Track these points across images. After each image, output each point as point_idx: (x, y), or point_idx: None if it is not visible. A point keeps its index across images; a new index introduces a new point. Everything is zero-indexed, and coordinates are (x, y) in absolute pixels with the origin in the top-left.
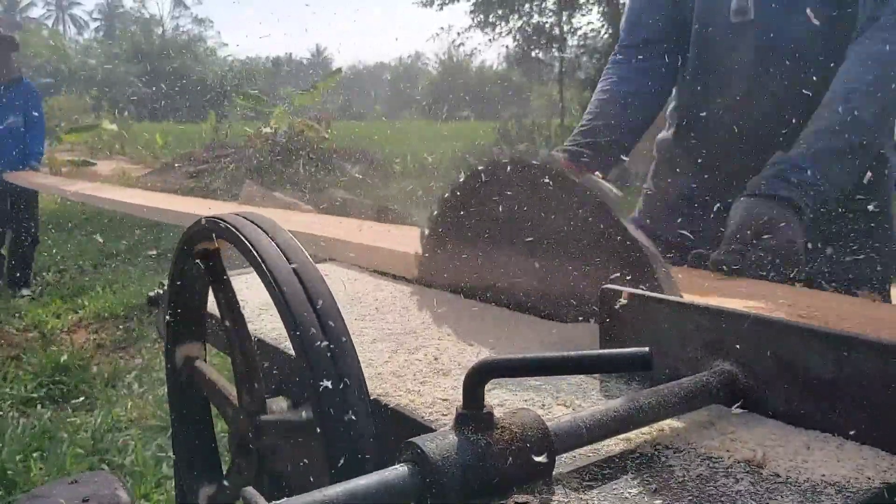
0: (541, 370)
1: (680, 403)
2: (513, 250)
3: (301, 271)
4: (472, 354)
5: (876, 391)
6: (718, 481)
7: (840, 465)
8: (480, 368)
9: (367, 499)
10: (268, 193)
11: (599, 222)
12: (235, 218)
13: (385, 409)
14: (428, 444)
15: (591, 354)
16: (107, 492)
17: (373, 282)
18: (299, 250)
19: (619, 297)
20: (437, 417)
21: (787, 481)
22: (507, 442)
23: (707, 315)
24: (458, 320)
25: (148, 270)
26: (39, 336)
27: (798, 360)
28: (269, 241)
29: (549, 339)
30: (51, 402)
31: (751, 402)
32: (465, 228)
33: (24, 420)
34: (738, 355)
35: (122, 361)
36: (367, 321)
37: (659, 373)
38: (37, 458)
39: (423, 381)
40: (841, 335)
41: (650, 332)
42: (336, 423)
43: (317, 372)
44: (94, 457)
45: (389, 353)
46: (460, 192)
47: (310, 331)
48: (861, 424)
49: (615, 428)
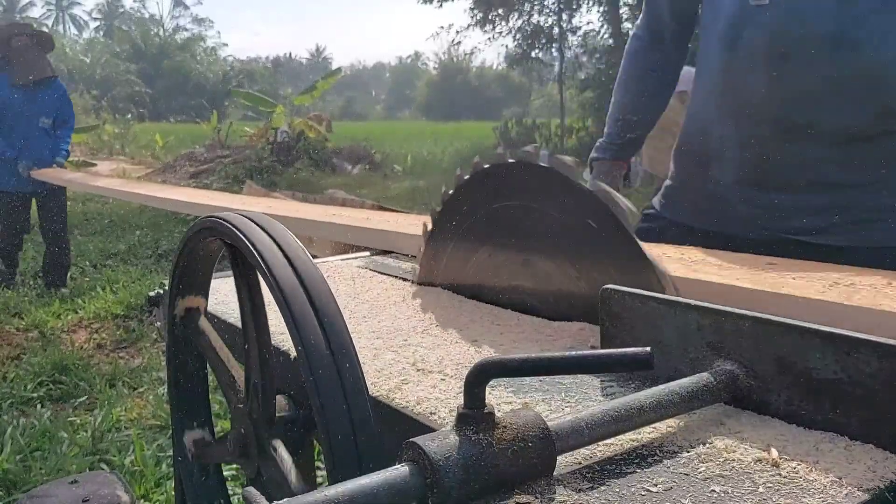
0: (542, 370)
1: (681, 403)
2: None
3: (302, 270)
4: (469, 354)
5: (878, 392)
6: (730, 482)
7: (852, 465)
8: (481, 368)
9: (369, 499)
10: (268, 193)
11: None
12: (236, 217)
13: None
14: (429, 443)
15: (592, 354)
16: (107, 492)
17: (374, 280)
18: (300, 249)
19: (619, 297)
20: (426, 413)
21: (806, 482)
22: (508, 442)
23: (708, 315)
24: (456, 320)
25: (148, 270)
26: (39, 336)
27: (800, 360)
28: (270, 240)
29: (543, 337)
30: (51, 402)
31: (752, 402)
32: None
33: (24, 420)
34: (740, 355)
35: (122, 361)
36: (362, 320)
37: (660, 373)
38: (37, 458)
39: (405, 380)
40: (842, 335)
41: (651, 332)
42: (337, 422)
43: (318, 371)
44: (94, 457)
45: (374, 351)
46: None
47: (311, 330)
48: (864, 425)
49: (616, 428)
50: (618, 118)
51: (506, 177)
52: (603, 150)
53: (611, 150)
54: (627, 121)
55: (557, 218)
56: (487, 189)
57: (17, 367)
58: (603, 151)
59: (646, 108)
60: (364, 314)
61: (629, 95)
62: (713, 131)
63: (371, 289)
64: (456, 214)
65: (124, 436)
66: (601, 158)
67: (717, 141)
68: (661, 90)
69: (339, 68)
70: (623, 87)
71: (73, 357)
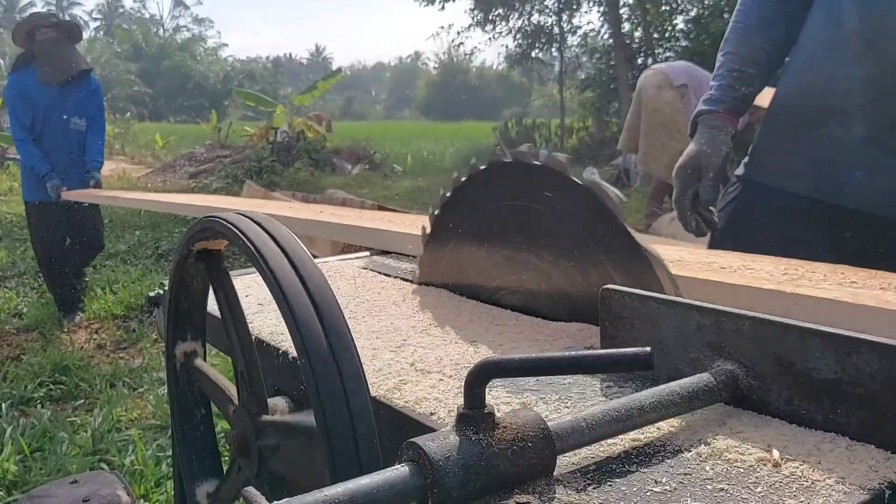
0: (542, 370)
1: (681, 403)
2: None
3: (302, 270)
4: (468, 354)
5: (879, 392)
6: (731, 481)
7: (854, 466)
8: (481, 368)
9: (369, 499)
10: (268, 193)
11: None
12: (236, 217)
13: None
14: (429, 444)
15: (592, 354)
16: (107, 492)
17: (373, 280)
18: (301, 249)
19: (619, 297)
20: (425, 413)
21: (810, 482)
22: (508, 442)
23: (708, 315)
24: (455, 320)
25: (148, 270)
26: (39, 336)
27: (799, 360)
28: (270, 239)
29: (542, 338)
30: (51, 402)
31: (752, 402)
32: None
33: (24, 420)
34: (740, 355)
35: (123, 362)
36: (361, 320)
37: (660, 373)
38: (37, 459)
39: (403, 380)
40: (843, 335)
41: (651, 332)
42: (337, 422)
43: (318, 371)
44: (94, 457)
45: (373, 351)
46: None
47: (312, 330)
48: (864, 425)
49: (616, 428)
50: (732, 69)
51: (500, 176)
52: (714, 101)
53: (725, 102)
54: (744, 73)
55: (551, 213)
56: (485, 190)
57: (17, 367)
58: (714, 103)
59: (767, 63)
60: (363, 314)
61: (746, 47)
62: (838, 84)
63: (371, 289)
64: (453, 217)
65: (124, 436)
66: (711, 111)
67: (841, 94)
68: (782, 46)
69: (340, 69)
70: (739, 37)
71: (73, 357)
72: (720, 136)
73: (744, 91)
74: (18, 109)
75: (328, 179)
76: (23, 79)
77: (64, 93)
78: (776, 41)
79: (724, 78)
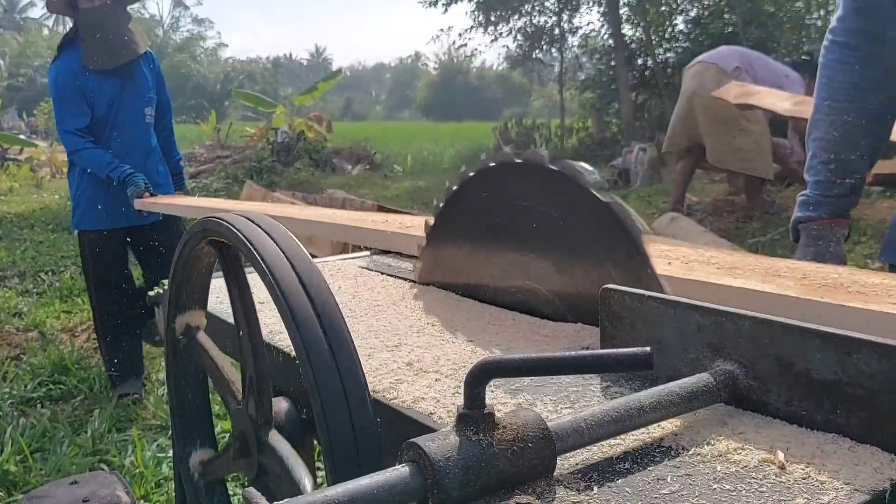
0: (542, 370)
1: (681, 404)
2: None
3: (301, 270)
4: (465, 354)
5: (879, 392)
6: (737, 482)
7: (858, 467)
8: (481, 368)
9: (369, 499)
10: (268, 193)
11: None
12: (236, 218)
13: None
14: (430, 444)
15: (592, 354)
16: (107, 492)
17: (373, 280)
18: (299, 249)
19: (619, 297)
20: (424, 413)
21: (817, 483)
22: (508, 442)
23: (708, 315)
24: (453, 320)
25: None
26: (39, 336)
27: (799, 361)
28: (270, 240)
29: (539, 338)
30: (51, 402)
31: (752, 402)
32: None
33: (24, 420)
34: (740, 355)
35: None
36: (359, 319)
37: (660, 373)
38: (37, 459)
39: (399, 379)
40: (842, 335)
41: (651, 332)
42: (337, 422)
43: (318, 371)
44: (94, 457)
45: (370, 350)
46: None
47: (311, 330)
48: (864, 425)
49: (616, 428)
50: (827, 160)
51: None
52: (815, 206)
53: (826, 205)
54: (843, 161)
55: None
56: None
57: (17, 367)
58: (815, 209)
59: (868, 139)
60: (361, 313)
61: (841, 127)
62: None
63: (370, 288)
64: (450, 221)
65: (124, 436)
66: (814, 218)
67: None
68: (887, 110)
69: (340, 69)
70: (828, 116)
71: (73, 357)
72: (829, 247)
73: (848, 182)
74: (73, 107)
75: (328, 180)
76: (74, 65)
77: (126, 77)
78: (873, 110)
79: (818, 173)
